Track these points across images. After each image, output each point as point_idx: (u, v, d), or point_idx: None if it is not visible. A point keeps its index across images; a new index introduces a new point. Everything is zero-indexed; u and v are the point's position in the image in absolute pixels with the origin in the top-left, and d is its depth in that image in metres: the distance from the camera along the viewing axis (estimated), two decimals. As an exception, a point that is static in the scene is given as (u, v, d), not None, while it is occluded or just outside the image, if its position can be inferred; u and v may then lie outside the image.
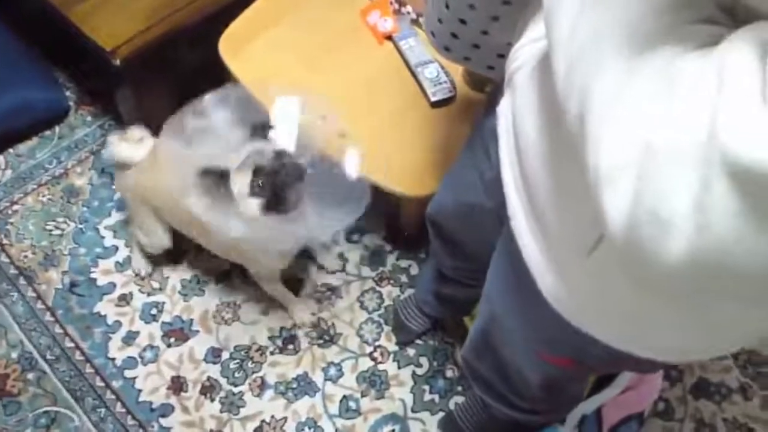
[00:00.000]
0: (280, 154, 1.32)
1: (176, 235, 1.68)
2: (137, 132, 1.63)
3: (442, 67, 1.63)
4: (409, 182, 1.53)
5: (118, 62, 1.57)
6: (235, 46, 1.65)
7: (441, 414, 1.64)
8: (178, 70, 1.76)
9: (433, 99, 1.59)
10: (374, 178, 1.50)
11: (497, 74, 1.09)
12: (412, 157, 1.55)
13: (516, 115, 0.77)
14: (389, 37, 1.68)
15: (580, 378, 1.18)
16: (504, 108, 0.82)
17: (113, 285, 1.74)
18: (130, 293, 1.74)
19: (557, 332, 0.76)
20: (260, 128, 1.37)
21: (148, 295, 1.74)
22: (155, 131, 1.63)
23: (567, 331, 0.73)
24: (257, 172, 1.29)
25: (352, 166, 1.45)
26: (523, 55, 0.79)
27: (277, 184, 1.29)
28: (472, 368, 1.22)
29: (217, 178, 1.29)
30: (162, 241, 1.66)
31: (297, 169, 1.32)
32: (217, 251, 1.63)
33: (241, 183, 1.29)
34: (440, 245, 1.37)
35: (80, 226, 1.82)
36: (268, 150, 1.32)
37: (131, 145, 1.61)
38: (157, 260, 1.77)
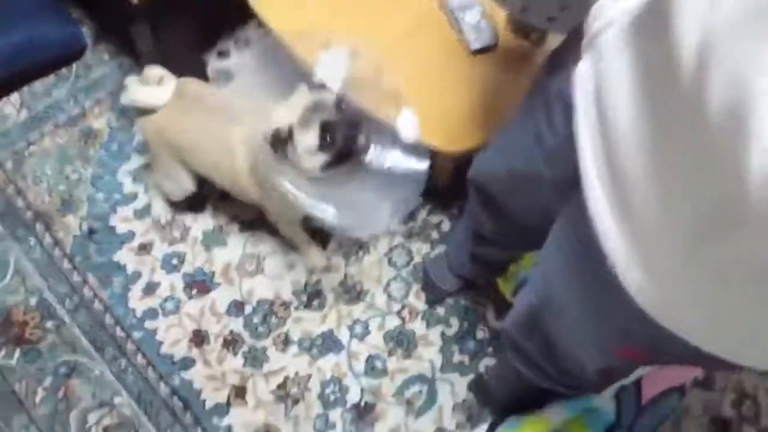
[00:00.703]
0: (339, 103, 1.26)
1: (197, 182, 1.61)
2: (156, 72, 1.53)
3: (484, 12, 1.52)
4: (445, 137, 1.43)
5: (136, 1, 1.47)
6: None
7: (470, 376, 1.58)
8: (199, 8, 1.65)
9: (473, 47, 1.48)
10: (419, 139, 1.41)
11: (559, 26, 0.99)
12: (449, 109, 1.45)
13: (602, 83, 0.67)
14: (428, -23, 1.56)
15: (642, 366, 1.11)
16: (583, 73, 0.71)
17: (133, 233, 1.68)
18: (151, 242, 1.68)
19: (634, 325, 0.67)
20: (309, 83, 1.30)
21: (169, 244, 1.68)
22: (175, 71, 1.56)
23: (647, 326, 0.65)
24: (326, 127, 1.23)
25: (409, 130, 1.37)
26: (611, 12, 0.68)
27: (348, 136, 1.24)
28: (514, 342, 1.15)
29: (283, 137, 1.23)
30: (187, 186, 1.58)
31: (358, 117, 1.27)
32: (243, 198, 1.55)
33: (307, 140, 1.23)
34: (482, 209, 1.28)
35: (98, 170, 1.75)
36: (326, 100, 1.26)
37: (151, 87, 1.52)
38: (178, 208, 1.70)
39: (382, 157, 1.33)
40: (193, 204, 1.70)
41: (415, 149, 1.36)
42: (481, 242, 1.43)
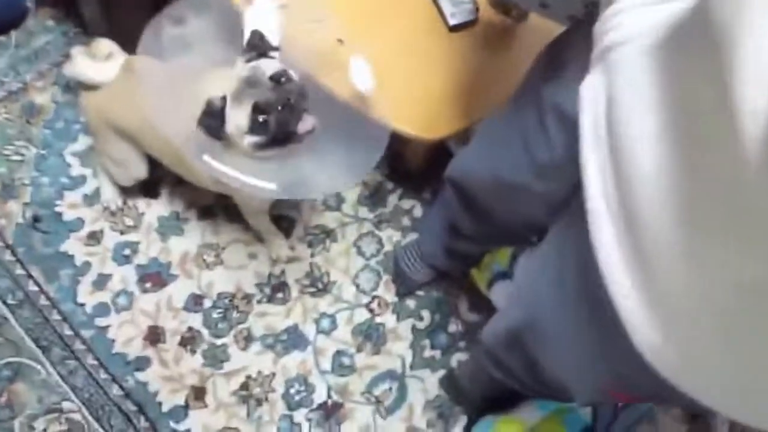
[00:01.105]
0: (278, 78, 1.10)
1: (151, 164, 1.48)
2: (104, 46, 1.39)
3: (464, -16, 1.39)
4: (421, 122, 1.32)
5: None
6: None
7: (441, 372, 1.51)
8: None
9: (451, 22, 1.36)
10: (380, 114, 1.30)
11: (553, 13, 0.88)
12: (425, 92, 1.34)
13: (616, 107, 0.56)
14: (401, -56, 1.42)
15: None
16: (592, 91, 0.61)
17: (81, 221, 1.55)
18: (101, 230, 1.55)
19: (639, 376, 0.59)
20: (252, 44, 1.15)
21: (121, 233, 1.55)
22: (125, 45, 1.41)
23: (655, 380, 0.57)
24: (257, 109, 1.08)
25: (361, 79, 1.25)
26: (629, 24, 0.58)
27: (284, 120, 1.09)
28: (493, 354, 1.06)
29: (214, 110, 1.08)
30: (138, 170, 1.46)
31: (300, 93, 1.11)
32: (200, 183, 1.43)
33: (237, 118, 1.09)
34: (462, 208, 1.19)
35: (42, 151, 1.61)
36: (260, 75, 1.10)
37: (98, 61, 1.38)
38: (131, 193, 1.57)
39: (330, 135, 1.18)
40: (146, 188, 1.57)
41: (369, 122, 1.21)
42: (458, 237, 1.34)
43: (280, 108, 1.08)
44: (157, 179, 1.58)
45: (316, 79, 1.18)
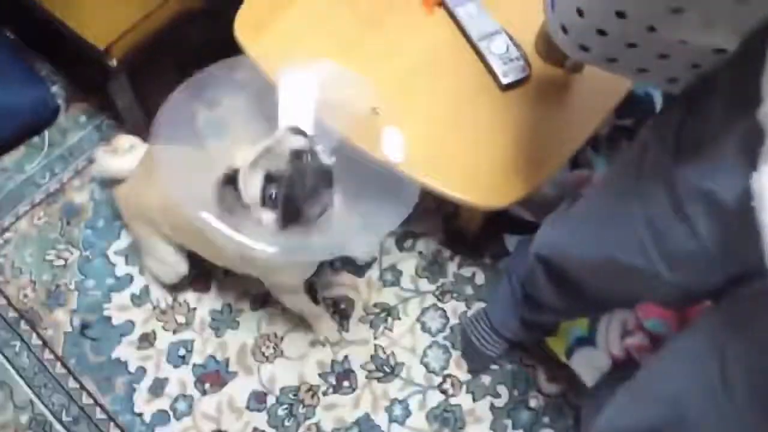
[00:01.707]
0: (298, 154, 1.03)
1: (196, 256, 1.42)
2: (124, 140, 1.39)
3: (512, 39, 1.31)
4: (479, 190, 1.23)
5: (114, 63, 1.27)
6: (254, 26, 1.34)
7: (528, 452, 1.40)
8: (186, 59, 1.45)
9: (504, 80, 1.28)
10: (433, 184, 1.22)
11: (650, 78, 0.79)
12: (481, 157, 1.25)
13: None
14: (441, 4, 1.36)
15: None
16: None
17: (132, 323, 1.48)
18: (153, 332, 1.48)
19: None
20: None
21: (174, 332, 1.48)
22: None
23: None
24: (269, 178, 1.01)
25: (392, 150, 1.18)
26: None
27: (293, 196, 1.01)
28: None
29: (232, 183, 1.03)
30: (177, 266, 1.40)
31: (320, 173, 1.04)
32: (230, 265, 1.37)
33: (251, 187, 1.03)
34: (552, 285, 1.10)
35: (86, 252, 1.55)
36: (283, 148, 1.04)
37: (121, 155, 1.35)
38: (180, 287, 1.50)
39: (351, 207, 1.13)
40: (196, 281, 1.50)
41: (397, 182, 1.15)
42: (538, 310, 1.24)
43: (290, 181, 1.01)
44: (206, 272, 1.51)
45: (349, 143, 1.13)
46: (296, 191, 1.01)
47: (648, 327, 1.38)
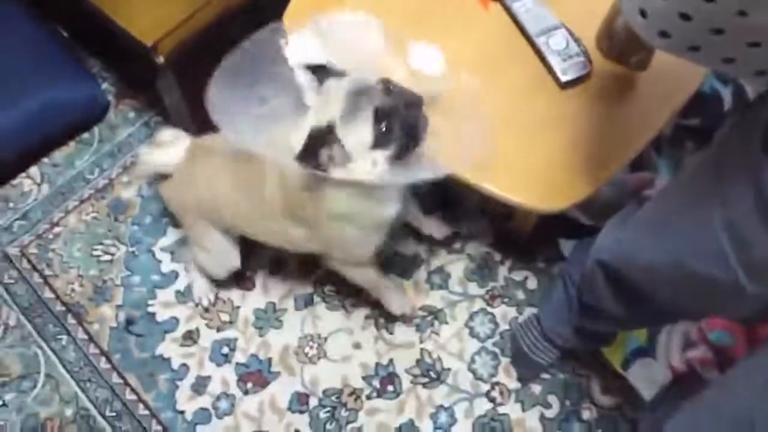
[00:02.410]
0: (386, 82, 0.99)
1: (245, 254, 1.40)
2: (167, 134, 1.37)
3: (572, 34, 1.25)
4: (538, 192, 1.17)
5: (161, 59, 1.25)
6: (303, 22, 1.31)
7: (579, 466, 1.34)
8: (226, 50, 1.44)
9: (563, 78, 1.22)
10: (487, 186, 1.17)
11: (736, 69, 0.73)
12: (540, 158, 1.19)
13: None
14: (497, -2, 1.31)
15: None
16: None
17: (176, 320, 1.47)
18: (197, 329, 1.46)
19: None
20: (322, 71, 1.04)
21: (218, 330, 1.46)
22: (207, 128, 1.34)
23: None
24: (380, 115, 0.96)
25: (431, 63, 1.14)
26: None
27: (408, 122, 0.97)
28: None
29: (321, 140, 0.96)
30: (230, 259, 1.38)
31: (412, 94, 1.00)
32: (291, 244, 1.28)
33: (358, 135, 0.97)
34: (613, 293, 1.04)
35: (132, 248, 1.55)
36: (371, 84, 0.99)
37: (164, 150, 1.34)
38: (224, 285, 1.48)
39: None
40: (240, 280, 1.48)
41: None
42: (595, 318, 1.18)
43: (402, 109, 0.96)
44: (251, 270, 1.50)
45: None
46: (410, 117, 0.98)
47: (712, 339, 1.31)
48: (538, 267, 1.51)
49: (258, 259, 1.50)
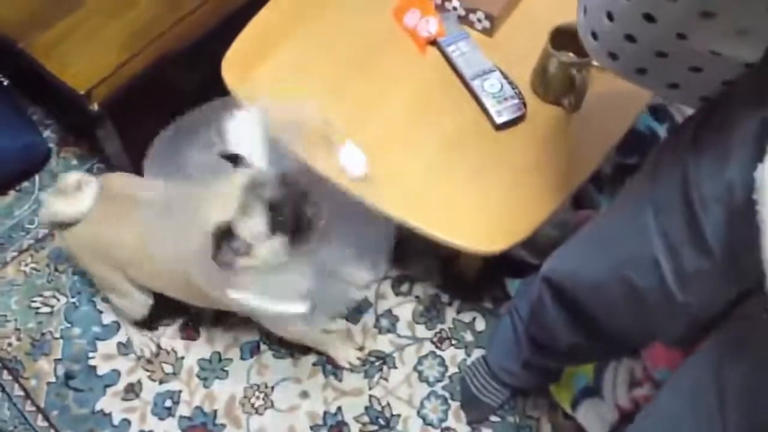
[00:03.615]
0: (283, 176, 1.04)
1: (184, 306, 1.37)
2: (71, 178, 1.26)
3: (506, 77, 1.27)
4: (476, 235, 1.17)
5: (95, 107, 1.24)
6: (242, 68, 1.31)
7: None
8: (172, 100, 1.42)
9: (498, 120, 1.23)
10: (427, 228, 1.17)
11: (681, 95, 0.76)
12: (475, 197, 1.20)
13: None
14: (433, 42, 1.32)
15: None
16: None
17: (117, 373, 1.43)
18: (139, 381, 1.42)
19: None
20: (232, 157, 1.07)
21: (161, 382, 1.42)
22: None
23: None
24: (272, 207, 1.01)
25: (354, 166, 1.17)
26: None
27: (302, 210, 1.03)
28: None
29: (223, 233, 1.00)
30: (142, 300, 1.33)
31: (305, 187, 1.07)
32: (205, 304, 1.31)
33: (252, 227, 1.01)
34: (558, 312, 1.05)
35: (73, 299, 1.51)
36: (265, 176, 1.03)
37: (71, 196, 1.25)
38: (167, 335, 1.45)
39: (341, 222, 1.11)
40: (184, 329, 1.45)
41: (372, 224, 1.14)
42: (544, 353, 1.17)
43: (293, 200, 1.02)
44: (194, 319, 1.47)
45: (311, 167, 1.12)
46: (301, 207, 1.03)
47: (657, 377, 1.30)
48: (485, 308, 1.50)
49: (202, 308, 1.47)
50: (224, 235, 1.00)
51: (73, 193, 1.23)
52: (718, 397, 0.65)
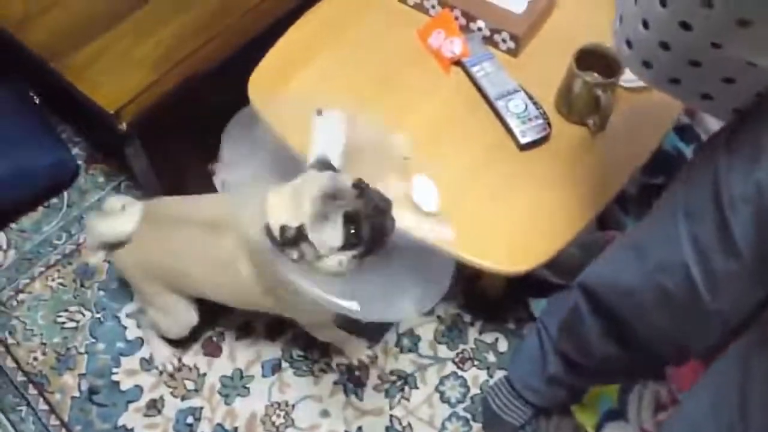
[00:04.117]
0: (359, 186, 1.02)
1: (211, 319, 1.39)
2: (115, 201, 1.34)
3: (531, 98, 1.27)
4: (502, 255, 1.17)
5: (124, 126, 1.26)
6: (268, 87, 1.33)
7: None
8: (199, 120, 1.44)
9: (522, 140, 1.24)
10: (450, 248, 1.17)
11: (713, 107, 0.76)
12: (502, 218, 1.20)
13: None
14: (458, 63, 1.33)
15: None
16: None
17: (140, 389, 1.44)
18: (161, 398, 1.43)
19: None
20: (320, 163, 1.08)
21: (183, 399, 1.43)
22: (178, 187, 1.41)
23: None
24: (349, 218, 0.99)
25: (425, 198, 1.17)
26: None
27: (377, 227, 1.01)
28: None
29: (292, 237, 0.99)
30: (189, 317, 1.35)
31: (384, 199, 1.04)
32: (251, 306, 1.32)
33: (327, 237, 0.99)
34: (594, 321, 1.05)
35: (98, 315, 1.52)
36: (343, 185, 1.02)
37: (115, 218, 1.30)
38: (190, 351, 1.46)
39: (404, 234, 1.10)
40: (207, 345, 1.46)
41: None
42: (575, 370, 1.16)
43: (370, 214, 1.00)
44: (218, 336, 1.47)
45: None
46: (376, 221, 1.02)
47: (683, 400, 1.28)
48: (508, 328, 1.49)
49: (225, 323, 1.48)
50: (292, 239, 0.98)
51: (118, 216, 1.29)
52: (740, 405, 0.65)
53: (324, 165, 1.07)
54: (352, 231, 1.00)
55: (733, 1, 0.58)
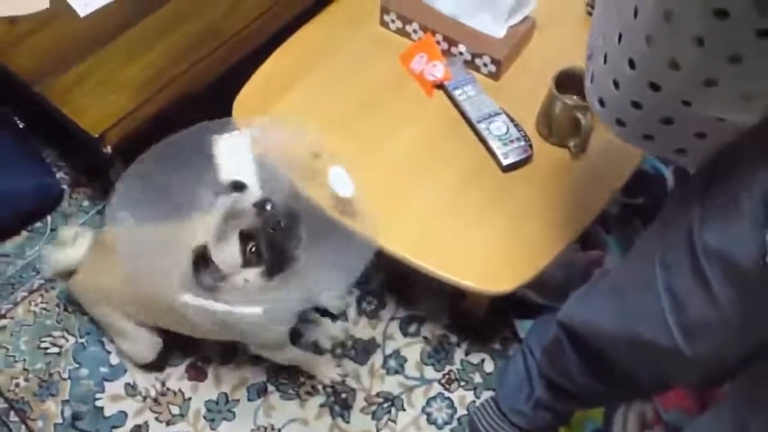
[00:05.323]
0: (261, 205, 1.05)
1: (194, 343, 1.39)
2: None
3: (512, 120, 1.29)
4: (483, 275, 1.19)
5: (108, 150, 1.26)
6: (251, 112, 1.34)
7: None
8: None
9: (504, 162, 1.25)
10: (434, 268, 1.18)
11: (688, 160, 0.77)
12: (482, 238, 1.21)
13: None
14: (440, 86, 1.35)
15: None
16: None
17: (124, 414, 1.42)
18: (146, 423, 1.41)
19: None
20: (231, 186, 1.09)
21: (168, 424, 1.41)
22: None
23: None
24: (245, 237, 1.02)
25: (341, 184, 1.15)
26: None
27: (276, 242, 1.03)
28: None
29: (202, 257, 1.02)
30: (150, 341, 1.37)
31: (288, 215, 1.06)
32: (212, 336, 1.37)
33: (227, 256, 1.02)
34: (576, 357, 1.05)
35: (81, 340, 1.51)
36: (243, 205, 1.05)
37: (68, 247, 1.33)
38: (175, 376, 1.45)
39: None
40: (191, 367, 1.46)
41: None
42: (560, 396, 1.16)
43: (267, 231, 1.02)
44: (203, 360, 1.46)
45: (298, 189, 1.11)
46: (276, 238, 1.03)
47: (668, 419, 1.29)
48: (494, 349, 1.49)
49: (209, 347, 1.47)
50: (203, 261, 1.01)
51: (71, 245, 1.32)
52: None
53: (233, 186, 1.09)
54: (252, 250, 1.02)
55: (700, 63, 0.59)
